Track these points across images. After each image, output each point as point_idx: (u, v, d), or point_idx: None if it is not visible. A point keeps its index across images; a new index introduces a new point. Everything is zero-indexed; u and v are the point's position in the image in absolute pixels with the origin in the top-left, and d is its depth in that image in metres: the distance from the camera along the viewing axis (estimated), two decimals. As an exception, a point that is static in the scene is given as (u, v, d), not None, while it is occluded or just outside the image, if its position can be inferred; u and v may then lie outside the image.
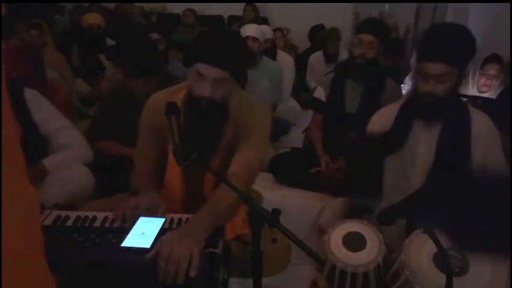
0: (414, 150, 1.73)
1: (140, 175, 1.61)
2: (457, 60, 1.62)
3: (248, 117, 1.52)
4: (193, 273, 1.11)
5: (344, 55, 4.16)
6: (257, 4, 5.55)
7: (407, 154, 1.75)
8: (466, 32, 1.65)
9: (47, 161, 1.79)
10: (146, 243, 1.20)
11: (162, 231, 1.26)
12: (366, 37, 2.36)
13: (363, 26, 2.45)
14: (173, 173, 1.55)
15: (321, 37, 4.80)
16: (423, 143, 1.72)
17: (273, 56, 3.87)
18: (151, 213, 1.37)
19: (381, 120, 1.83)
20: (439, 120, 1.68)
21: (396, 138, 1.76)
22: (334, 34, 4.53)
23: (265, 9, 6.07)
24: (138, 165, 1.63)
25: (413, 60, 3.82)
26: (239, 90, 1.58)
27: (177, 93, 1.51)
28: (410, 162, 1.74)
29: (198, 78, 1.40)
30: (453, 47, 1.61)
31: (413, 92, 1.72)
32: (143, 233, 1.25)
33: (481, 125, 1.67)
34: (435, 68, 1.59)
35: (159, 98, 1.56)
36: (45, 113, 1.82)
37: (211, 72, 1.37)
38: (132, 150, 1.71)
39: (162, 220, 1.32)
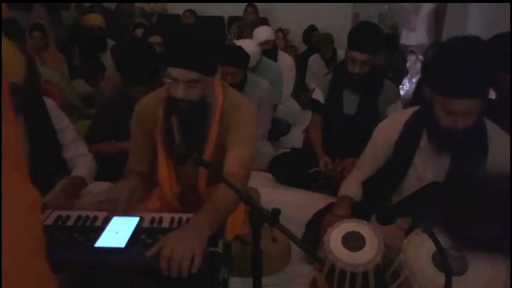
0: (422, 175, 1.65)
1: (132, 175, 1.62)
2: (483, 91, 1.45)
3: (235, 114, 1.53)
4: (194, 270, 1.12)
5: (341, 56, 4.16)
6: (257, 4, 5.55)
7: (413, 177, 1.67)
8: (484, 57, 1.43)
9: (80, 173, 1.85)
10: (121, 242, 1.21)
11: (138, 230, 1.28)
12: (360, 56, 2.32)
13: (356, 43, 2.34)
14: (165, 171, 1.57)
15: (315, 41, 4.81)
16: (433, 168, 1.63)
17: (273, 57, 3.89)
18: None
19: (387, 133, 1.75)
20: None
21: (400, 164, 1.67)
22: (327, 40, 4.53)
23: (265, 9, 6.07)
24: (131, 167, 1.65)
25: (409, 63, 3.81)
26: (228, 88, 1.60)
27: (162, 95, 1.53)
28: (417, 187, 1.65)
29: (171, 80, 1.40)
30: (478, 79, 1.42)
31: (435, 124, 1.53)
32: (117, 232, 1.26)
33: (498, 146, 1.53)
34: (464, 104, 1.42)
35: (146, 101, 1.63)
36: (64, 123, 1.88)
37: (182, 75, 1.37)
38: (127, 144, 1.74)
39: (136, 219, 1.33)
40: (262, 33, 3.88)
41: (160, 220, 1.36)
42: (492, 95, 2.92)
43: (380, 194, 1.78)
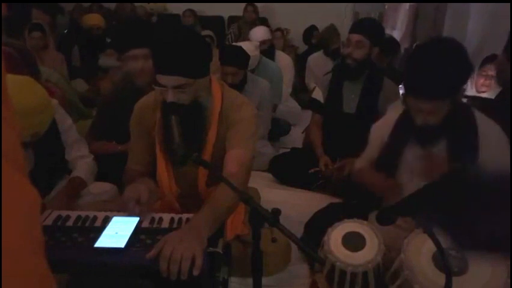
0: (414, 170, 1.64)
1: (132, 175, 1.62)
2: (447, 93, 1.47)
3: (234, 114, 1.53)
4: (196, 272, 1.11)
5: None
6: (257, 4, 5.56)
7: (404, 173, 1.68)
8: (454, 59, 1.45)
9: (80, 174, 1.86)
10: (121, 243, 1.21)
11: (138, 231, 1.27)
12: (354, 37, 2.38)
13: (353, 26, 2.46)
14: (164, 171, 1.57)
15: (322, 35, 4.79)
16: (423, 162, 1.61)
17: (271, 56, 3.90)
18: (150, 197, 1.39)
19: (381, 130, 1.77)
20: (438, 142, 1.59)
21: (390, 157, 1.69)
22: (333, 31, 4.54)
23: (265, 9, 6.07)
24: (131, 167, 1.65)
25: None
26: (227, 88, 1.60)
27: (160, 96, 1.52)
28: (409, 181, 1.65)
29: (161, 87, 1.40)
30: (440, 80, 1.43)
31: (407, 116, 1.61)
32: (116, 232, 1.26)
33: (489, 135, 1.55)
34: (425, 104, 1.47)
35: (146, 101, 1.63)
36: (67, 123, 1.88)
37: (168, 81, 1.37)
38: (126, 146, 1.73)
39: (136, 219, 1.33)
40: (259, 33, 3.89)
41: (160, 220, 1.36)
42: (492, 94, 2.93)
43: None
